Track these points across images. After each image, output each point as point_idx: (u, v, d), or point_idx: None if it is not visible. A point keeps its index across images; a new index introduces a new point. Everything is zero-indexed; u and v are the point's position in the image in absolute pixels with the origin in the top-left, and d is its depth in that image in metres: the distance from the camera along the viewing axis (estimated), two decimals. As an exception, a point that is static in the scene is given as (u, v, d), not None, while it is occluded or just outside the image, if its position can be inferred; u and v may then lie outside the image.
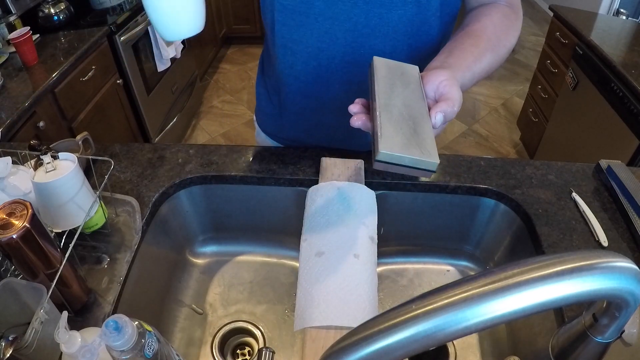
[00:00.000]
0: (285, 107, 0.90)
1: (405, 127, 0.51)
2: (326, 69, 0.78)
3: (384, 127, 0.50)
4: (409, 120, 0.52)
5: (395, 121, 0.51)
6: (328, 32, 0.73)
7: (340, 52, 0.75)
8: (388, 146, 0.48)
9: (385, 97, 0.54)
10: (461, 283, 0.32)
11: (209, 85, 3.23)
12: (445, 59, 0.64)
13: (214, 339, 0.83)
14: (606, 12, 3.22)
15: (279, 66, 0.82)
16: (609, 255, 0.32)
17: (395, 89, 0.56)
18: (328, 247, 0.69)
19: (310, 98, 0.84)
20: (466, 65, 0.63)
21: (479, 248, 0.93)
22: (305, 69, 0.79)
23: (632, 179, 0.79)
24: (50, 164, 0.63)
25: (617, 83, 1.58)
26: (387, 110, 0.52)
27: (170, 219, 0.87)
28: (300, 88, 0.83)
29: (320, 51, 0.76)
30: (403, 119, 0.52)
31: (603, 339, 0.40)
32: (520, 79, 3.23)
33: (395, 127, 0.50)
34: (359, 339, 0.33)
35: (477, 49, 0.66)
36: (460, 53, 0.65)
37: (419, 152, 0.48)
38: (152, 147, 0.93)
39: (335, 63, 0.77)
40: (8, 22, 1.70)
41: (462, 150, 2.57)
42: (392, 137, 0.49)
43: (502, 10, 0.72)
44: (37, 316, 0.50)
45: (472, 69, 0.64)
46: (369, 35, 0.73)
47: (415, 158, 0.48)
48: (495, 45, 0.68)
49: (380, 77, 0.57)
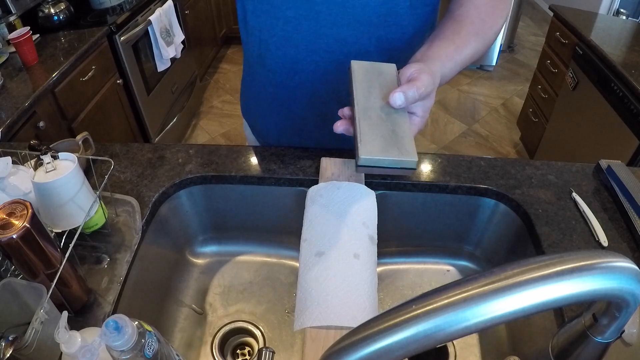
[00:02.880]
0: (258, 98, 0.90)
1: (384, 129, 0.53)
2: (292, 58, 0.78)
3: (363, 133, 0.52)
4: (388, 121, 0.54)
5: (374, 125, 0.54)
6: (291, 20, 0.73)
7: (304, 41, 0.75)
8: (367, 151, 0.51)
9: (363, 101, 0.56)
10: (461, 283, 0.32)
11: (209, 85, 3.23)
12: (426, 50, 0.64)
13: (214, 339, 0.83)
14: (606, 12, 3.22)
15: (251, 57, 0.83)
16: (609, 255, 0.32)
17: (373, 90, 0.58)
18: (328, 247, 0.69)
19: (279, 87, 0.84)
20: (446, 54, 0.63)
21: (479, 248, 0.93)
22: (273, 58, 0.79)
23: (632, 179, 0.79)
24: (50, 164, 0.63)
25: (617, 83, 1.58)
26: (366, 115, 0.55)
27: (170, 219, 0.87)
28: (269, 77, 0.83)
29: (285, 40, 0.76)
30: (382, 121, 0.54)
31: (603, 339, 0.40)
32: (520, 79, 3.23)
33: (374, 131, 0.53)
34: (359, 339, 0.33)
35: (459, 36, 0.65)
36: (440, 43, 0.65)
37: (398, 153, 0.51)
38: (152, 147, 0.93)
39: (300, 51, 0.76)
40: (8, 22, 1.70)
41: (462, 150, 2.57)
42: (371, 142, 0.52)
43: None
44: (37, 316, 0.50)
45: (453, 58, 0.64)
46: (332, 24, 0.72)
47: (395, 159, 0.51)
48: (479, 29, 0.67)
49: (358, 81, 0.59)
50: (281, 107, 0.88)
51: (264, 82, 0.85)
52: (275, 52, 0.78)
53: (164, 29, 2.17)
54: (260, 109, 0.93)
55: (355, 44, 0.74)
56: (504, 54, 3.52)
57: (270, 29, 0.76)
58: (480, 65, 3.33)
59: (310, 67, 0.78)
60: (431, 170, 0.86)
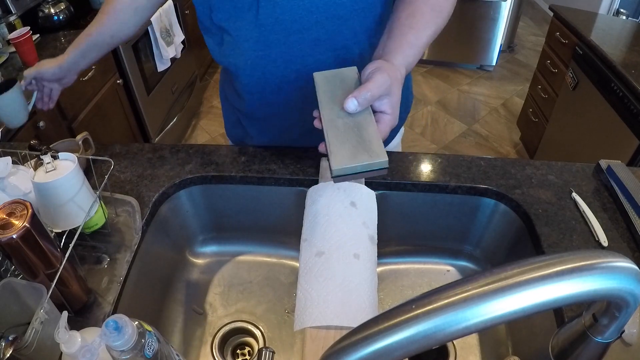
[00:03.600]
0: (229, 102, 0.96)
1: (352, 136, 0.55)
2: (272, 74, 0.79)
3: (332, 144, 0.54)
4: (354, 127, 0.56)
5: (340, 134, 0.55)
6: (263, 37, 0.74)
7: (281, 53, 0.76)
8: (338, 161, 0.53)
9: (329, 112, 0.58)
10: (461, 283, 0.32)
11: (209, 85, 3.23)
12: (387, 42, 0.64)
13: (214, 339, 0.83)
14: (606, 12, 3.22)
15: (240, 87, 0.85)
16: (609, 255, 0.32)
17: (337, 99, 0.59)
18: (328, 247, 0.69)
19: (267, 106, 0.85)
20: (407, 42, 0.63)
21: (479, 248, 0.93)
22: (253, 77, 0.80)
23: (632, 179, 0.79)
24: (50, 164, 0.63)
25: (617, 83, 1.58)
26: (333, 126, 0.56)
27: (170, 219, 0.87)
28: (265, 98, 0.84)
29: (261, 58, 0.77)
30: (348, 128, 0.56)
31: (603, 339, 0.40)
32: (520, 79, 3.23)
33: (341, 141, 0.55)
34: (359, 339, 0.33)
35: (415, 19, 0.65)
36: (398, 31, 0.65)
37: (368, 157, 0.53)
38: (152, 147, 0.93)
39: (278, 65, 0.77)
40: (8, 22, 1.70)
41: (462, 150, 2.57)
42: (340, 152, 0.53)
43: None
44: (37, 316, 0.50)
45: (414, 44, 0.64)
46: (304, 30, 0.73)
47: (365, 163, 0.53)
48: (435, 4, 0.67)
49: (322, 93, 0.61)
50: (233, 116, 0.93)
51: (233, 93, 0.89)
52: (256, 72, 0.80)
53: (164, 29, 2.17)
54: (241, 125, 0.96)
55: (328, 40, 0.75)
56: (504, 54, 3.52)
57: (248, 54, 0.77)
58: (480, 65, 3.33)
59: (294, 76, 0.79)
60: (431, 170, 0.86)
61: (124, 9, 0.84)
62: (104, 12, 0.85)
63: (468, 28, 3.12)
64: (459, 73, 3.31)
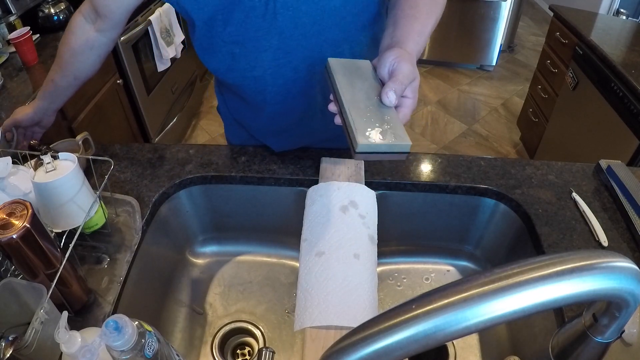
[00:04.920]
0: (234, 119, 0.96)
1: (375, 117, 0.55)
2: (294, 80, 0.78)
3: (357, 122, 0.54)
4: (376, 110, 0.56)
5: (364, 114, 0.55)
6: (281, 47, 0.73)
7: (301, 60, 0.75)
8: (364, 137, 0.52)
9: (349, 94, 0.57)
10: (461, 283, 0.32)
11: (209, 85, 3.23)
12: (394, 32, 0.64)
13: (214, 339, 0.83)
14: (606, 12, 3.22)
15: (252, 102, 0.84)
16: (609, 255, 0.32)
17: (356, 84, 0.59)
18: (328, 247, 0.69)
19: (286, 115, 0.84)
20: (415, 31, 0.64)
21: (479, 248, 0.93)
22: (275, 88, 0.79)
23: (632, 179, 0.79)
24: (50, 164, 0.63)
25: (617, 83, 1.57)
26: (355, 106, 0.56)
27: (170, 219, 0.87)
28: (276, 109, 0.83)
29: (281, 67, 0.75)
30: (370, 111, 0.56)
31: (603, 339, 0.40)
32: (520, 79, 3.23)
33: (366, 119, 0.54)
34: (359, 339, 0.33)
35: (418, 10, 0.66)
36: (405, 22, 0.65)
37: (393, 138, 0.53)
38: (152, 147, 0.93)
39: (302, 71, 0.77)
40: (8, 22, 1.70)
41: (462, 150, 2.57)
42: (366, 129, 0.53)
43: None
44: (37, 316, 0.50)
45: (421, 32, 0.65)
46: (319, 33, 0.72)
47: (391, 143, 0.52)
48: None
49: (340, 76, 0.60)
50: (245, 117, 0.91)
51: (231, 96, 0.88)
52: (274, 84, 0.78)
53: (164, 29, 2.17)
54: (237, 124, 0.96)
55: (346, 39, 0.75)
56: (504, 54, 3.52)
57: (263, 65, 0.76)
58: (480, 65, 3.33)
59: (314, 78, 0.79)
60: (431, 170, 0.86)
61: (80, 51, 0.81)
62: (61, 56, 0.83)
63: (468, 28, 3.12)
64: (459, 73, 3.31)
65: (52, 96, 0.88)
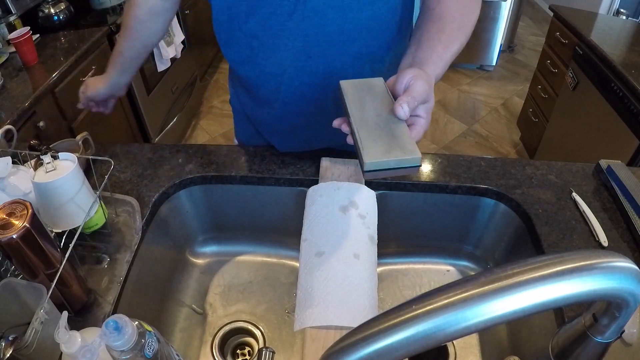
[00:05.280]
0: (245, 114, 0.94)
1: (383, 134, 0.55)
2: (310, 85, 0.78)
3: (364, 140, 0.54)
4: (385, 127, 0.56)
5: (372, 131, 0.55)
6: (304, 49, 0.73)
7: (321, 65, 0.75)
8: (372, 155, 0.52)
9: (358, 113, 0.58)
10: (461, 283, 0.32)
11: (209, 85, 3.23)
12: (416, 52, 0.65)
13: (214, 339, 0.83)
14: (606, 12, 3.22)
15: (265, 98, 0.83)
16: (609, 255, 0.32)
17: (366, 103, 0.60)
18: (328, 247, 0.69)
19: (300, 116, 0.84)
20: (437, 55, 0.64)
21: (479, 248, 0.93)
22: (289, 89, 0.79)
23: (632, 179, 0.79)
24: (50, 164, 0.63)
25: (617, 83, 1.57)
26: (363, 124, 0.56)
27: (170, 219, 0.87)
28: (289, 109, 0.82)
29: (301, 69, 0.75)
30: (379, 128, 0.56)
31: (603, 339, 0.40)
32: (520, 79, 3.23)
33: (373, 137, 0.54)
34: (359, 339, 0.33)
35: (445, 35, 0.66)
36: (429, 43, 0.66)
37: (401, 153, 0.52)
38: (152, 147, 0.93)
39: (318, 77, 0.77)
40: (8, 22, 1.70)
41: (462, 150, 2.57)
42: (373, 147, 0.53)
43: None
44: (37, 316, 0.50)
45: (443, 57, 0.65)
46: (344, 43, 0.73)
47: (399, 158, 0.52)
48: (461, 25, 0.68)
49: (350, 96, 0.61)
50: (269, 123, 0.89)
51: (248, 100, 0.87)
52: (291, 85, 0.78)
53: (164, 29, 2.17)
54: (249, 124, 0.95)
55: (369, 54, 0.75)
56: (504, 54, 3.52)
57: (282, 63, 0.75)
58: (481, 65, 3.33)
59: (333, 87, 0.78)
60: (431, 170, 0.86)
61: (146, 19, 0.85)
62: (128, 27, 0.86)
63: (468, 28, 3.12)
64: (459, 73, 3.31)
65: (122, 68, 0.92)
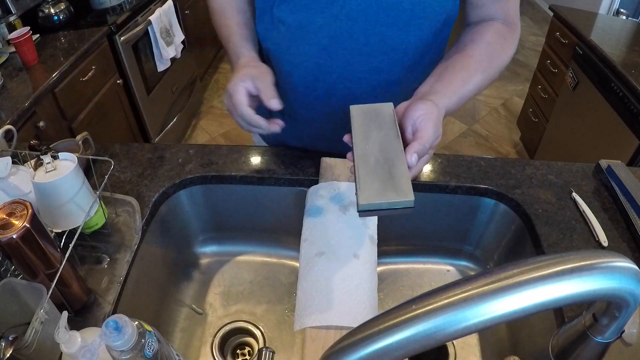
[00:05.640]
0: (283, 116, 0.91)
1: (382, 173, 0.56)
2: (323, 82, 0.78)
3: (361, 180, 0.56)
4: (385, 164, 0.57)
5: (371, 170, 0.57)
6: (327, 48, 0.73)
7: (339, 67, 0.75)
8: (366, 197, 0.54)
9: (361, 147, 0.60)
10: (461, 283, 0.32)
11: (209, 85, 3.23)
12: (434, 83, 0.66)
13: (214, 339, 0.83)
14: (606, 12, 3.22)
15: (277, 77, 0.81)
16: (609, 255, 0.32)
17: (371, 134, 0.61)
18: (328, 247, 0.69)
19: (306, 109, 0.84)
20: (453, 90, 0.66)
21: (479, 248, 0.93)
22: (302, 81, 0.79)
23: (632, 179, 0.79)
24: (50, 164, 0.63)
25: (617, 83, 1.57)
26: (364, 161, 0.58)
27: (170, 219, 0.87)
28: (298, 98, 0.82)
29: (319, 66, 0.76)
30: (379, 165, 0.57)
31: (603, 339, 0.40)
32: (520, 79, 3.23)
33: (372, 176, 0.56)
34: (359, 339, 0.33)
35: (467, 72, 0.68)
36: (449, 76, 0.67)
37: (395, 195, 0.54)
38: (152, 147, 0.93)
39: (333, 78, 0.77)
40: (8, 22, 1.70)
41: (462, 150, 2.57)
42: (369, 188, 0.55)
43: (498, 29, 0.73)
44: (37, 316, 0.50)
45: (458, 93, 0.66)
46: (368, 54, 0.73)
47: (392, 201, 0.54)
48: (486, 67, 0.70)
49: (357, 126, 0.63)
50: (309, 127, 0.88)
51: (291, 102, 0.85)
52: (305, 77, 0.78)
53: (164, 29, 2.17)
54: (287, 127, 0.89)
55: (389, 71, 0.75)
56: (504, 54, 3.51)
57: (301, 54, 0.75)
58: (480, 65, 3.33)
59: (343, 92, 0.79)
60: (431, 170, 0.86)
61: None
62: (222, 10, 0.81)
63: (468, 28, 3.11)
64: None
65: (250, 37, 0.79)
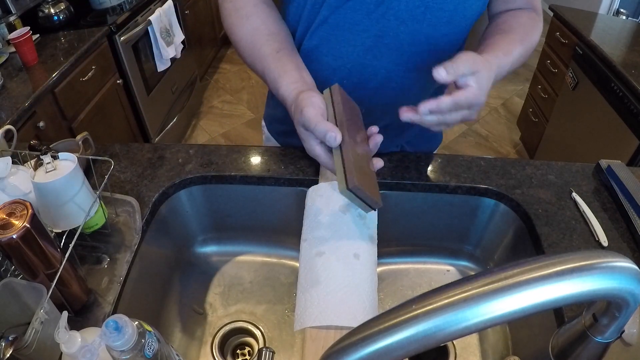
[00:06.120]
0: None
1: (365, 166, 0.58)
2: (367, 83, 0.78)
3: (348, 164, 0.57)
4: (363, 160, 0.59)
5: (356, 159, 0.58)
6: (372, 49, 0.73)
7: (384, 69, 0.75)
8: (357, 182, 0.55)
9: (347, 133, 0.60)
10: (461, 283, 0.32)
11: (209, 85, 3.23)
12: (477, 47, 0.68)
13: (214, 339, 0.83)
14: (606, 12, 3.22)
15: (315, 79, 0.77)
16: (609, 255, 0.32)
17: (353, 124, 0.62)
18: (328, 247, 0.69)
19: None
20: (501, 48, 0.67)
21: (479, 248, 0.93)
22: (343, 82, 0.78)
23: (632, 179, 0.79)
24: (50, 164, 0.63)
25: (617, 83, 1.58)
26: (350, 147, 0.58)
27: (170, 219, 0.87)
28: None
29: (364, 67, 0.76)
30: (361, 158, 0.59)
31: (603, 339, 0.40)
32: (520, 79, 3.23)
33: (358, 166, 0.57)
34: (359, 339, 0.33)
35: (508, 40, 0.70)
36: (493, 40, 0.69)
37: (376, 192, 0.58)
38: (152, 147, 0.93)
39: (378, 79, 0.77)
40: (8, 22, 1.70)
41: (462, 150, 2.57)
42: (358, 174, 0.56)
43: (527, 14, 0.76)
44: (37, 316, 0.50)
45: (510, 52, 0.67)
46: (414, 53, 0.73)
47: (370, 197, 0.58)
48: (524, 37, 0.72)
49: (339, 110, 0.62)
50: None
51: None
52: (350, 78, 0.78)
53: (164, 29, 2.17)
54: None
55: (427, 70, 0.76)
56: (504, 54, 3.52)
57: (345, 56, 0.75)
58: (480, 65, 3.33)
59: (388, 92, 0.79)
60: (431, 170, 0.86)
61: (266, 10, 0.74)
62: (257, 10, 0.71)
63: (468, 28, 3.12)
64: (459, 73, 3.31)
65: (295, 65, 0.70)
